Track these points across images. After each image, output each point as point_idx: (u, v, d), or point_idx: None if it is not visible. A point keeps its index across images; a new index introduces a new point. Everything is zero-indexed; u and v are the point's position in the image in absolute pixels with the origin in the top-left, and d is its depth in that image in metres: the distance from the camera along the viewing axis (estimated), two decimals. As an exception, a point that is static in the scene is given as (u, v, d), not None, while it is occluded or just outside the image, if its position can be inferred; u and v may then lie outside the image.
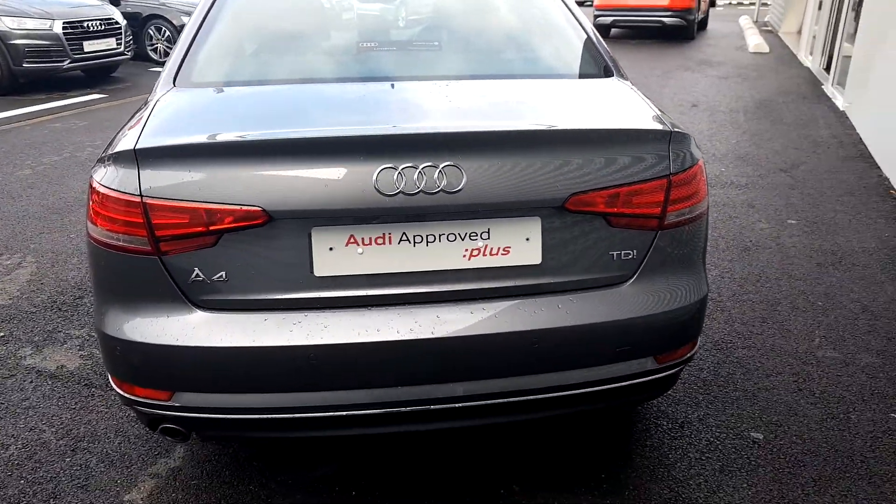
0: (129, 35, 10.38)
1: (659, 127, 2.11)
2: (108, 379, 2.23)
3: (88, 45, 9.48)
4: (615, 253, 2.05)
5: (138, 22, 11.36)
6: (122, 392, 2.04)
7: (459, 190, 1.88)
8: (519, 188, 1.92)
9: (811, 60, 11.30)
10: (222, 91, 2.38)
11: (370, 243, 1.93)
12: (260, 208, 1.85)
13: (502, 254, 1.98)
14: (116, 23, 10.10)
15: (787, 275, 4.03)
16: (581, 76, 2.61)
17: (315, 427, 2.04)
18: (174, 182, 1.86)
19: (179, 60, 2.45)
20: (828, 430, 2.72)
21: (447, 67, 2.63)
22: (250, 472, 2.49)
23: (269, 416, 1.98)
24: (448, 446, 2.61)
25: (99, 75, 10.42)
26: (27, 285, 3.87)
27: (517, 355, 2.00)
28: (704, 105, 8.57)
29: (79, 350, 3.26)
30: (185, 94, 2.32)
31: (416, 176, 1.86)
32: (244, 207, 1.85)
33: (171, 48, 10.75)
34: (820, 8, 11.14)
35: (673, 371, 2.20)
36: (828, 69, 9.82)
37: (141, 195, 1.86)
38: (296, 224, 1.89)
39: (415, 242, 1.94)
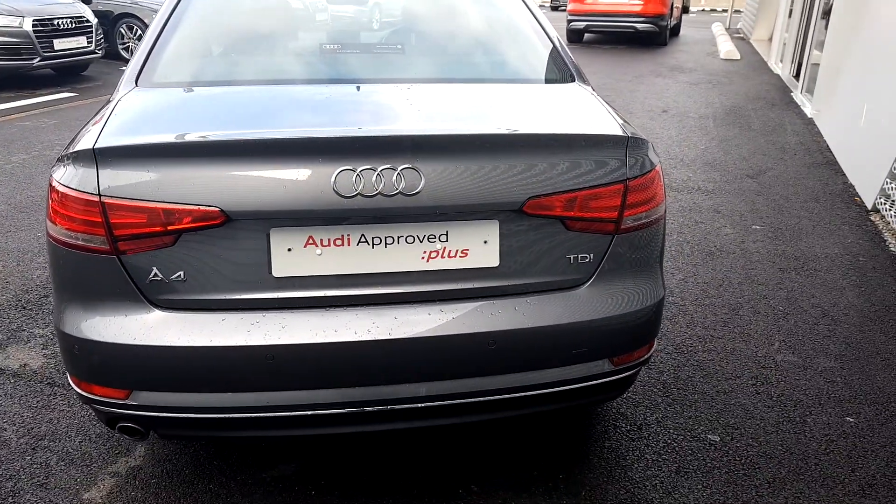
0: (101, 33, 10.31)
1: (616, 132, 2.14)
2: (67, 377, 2.23)
3: (59, 44, 9.40)
4: (572, 256, 2.09)
5: (109, 20, 11.28)
6: (80, 391, 2.04)
7: (417, 192, 1.90)
8: (477, 191, 1.95)
9: (781, 68, 11.47)
10: (185, 91, 2.38)
11: (329, 244, 1.94)
12: (218, 209, 1.86)
13: (460, 256, 2.01)
14: (87, 21, 10.03)
15: (750, 279, 4.10)
16: (544, 81, 2.65)
17: (273, 426, 2.05)
18: (133, 182, 1.87)
19: (142, 60, 2.45)
20: (783, 433, 2.77)
21: (413, 71, 2.66)
22: (210, 471, 2.49)
23: (227, 415, 1.99)
24: (407, 446, 2.63)
25: (69, 74, 10.38)
26: (-10, 283, 3.84)
27: (475, 357, 2.02)
28: (674, 111, 8.67)
29: (42, 349, 3.24)
30: (147, 94, 2.32)
31: (374, 178, 1.88)
32: (202, 208, 1.86)
33: None
34: (790, 16, 11.32)
35: (629, 373, 2.24)
36: (797, 76, 9.98)
37: (100, 194, 1.86)
38: (254, 224, 1.90)
39: (373, 244, 1.96)
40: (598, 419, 2.82)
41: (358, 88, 2.43)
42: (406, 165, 1.90)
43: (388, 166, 1.89)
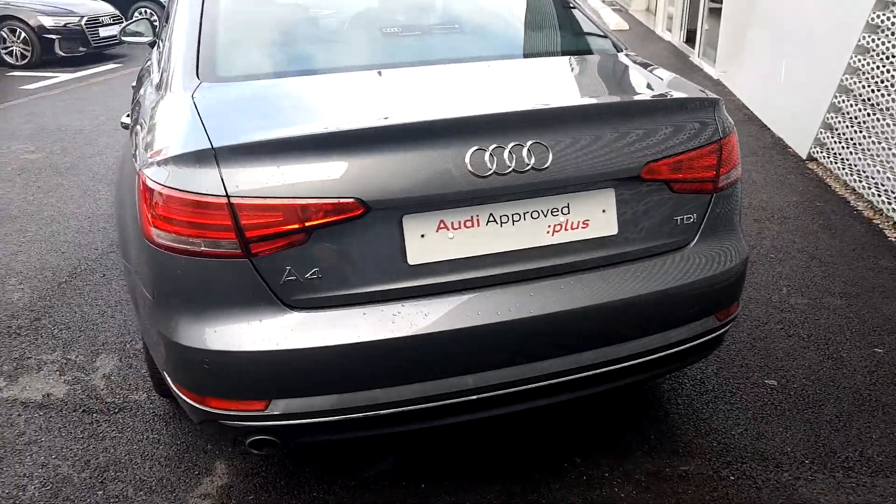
0: None
1: (707, 95, 2.20)
2: (181, 396, 2.07)
3: (103, 31, 11.25)
4: (678, 218, 2.13)
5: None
6: (206, 408, 1.91)
7: (547, 167, 1.89)
8: (598, 161, 1.96)
9: (671, 36, 11.98)
10: (267, 83, 2.26)
11: (459, 227, 1.90)
12: (356, 199, 1.78)
13: (582, 227, 2.01)
14: (120, 17, 11.17)
15: (734, 232, 4.30)
16: (600, 52, 2.67)
17: (422, 418, 1.99)
18: (262, 179, 1.75)
19: (194, 54, 2.29)
20: (828, 369, 2.95)
21: (479, 49, 2.61)
22: (306, 479, 2.39)
23: (373, 413, 1.92)
24: (497, 431, 2.62)
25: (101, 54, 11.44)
26: (-35, 313, 3.50)
27: (607, 326, 2.04)
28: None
29: (60, 375, 2.99)
30: (224, 89, 2.17)
31: (505, 155, 1.86)
32: (340, 200, 1.77)
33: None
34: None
35: (727, 328, 2.32)
36: (690, 42, 10.47)
37: (227, 195, 1.74)
38: (387, 213, 1.83)
39: (501, 222, 1.93)
40: (662, 379, 2.90)
41: (441, 69, 2.38)
42: (534, 140, 1.88)
43: (517, 142, 1.87)
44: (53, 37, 10.69)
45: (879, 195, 4.61)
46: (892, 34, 4.52)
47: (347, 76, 2.29)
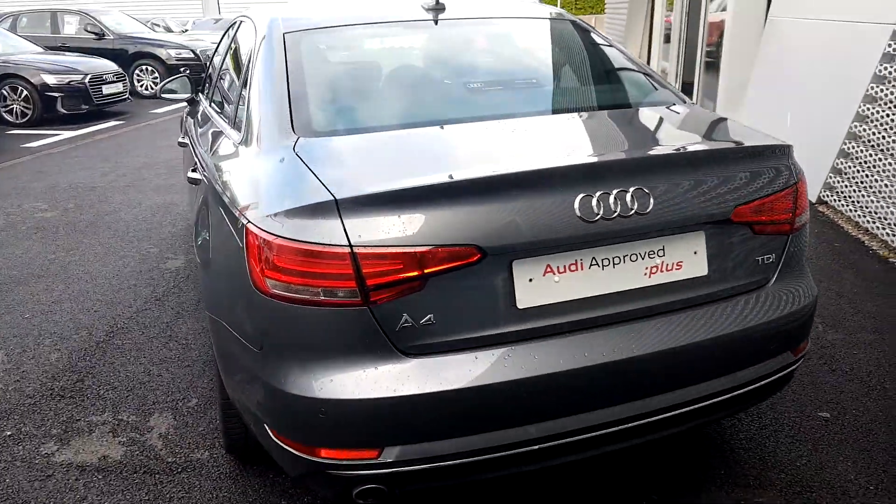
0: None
1: (780, 142, 2.28)
2: (272, 446, 2.04)
3: (106, 89, 11.54)
4: (760, 258, 2.20)
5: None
6: (315, 458, 1.90)
7: (648, 211, 1.95)
8: (692, 205, 2.03)
9: (663, 85, 12.28)
10: (365, 137, 2.32)
11: (564, 271, 1.94)
12: (474, 246, 1.82)
13: (675, 268, 2.06)
14: (123, 74, 11.70)
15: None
16: (669, 102, 2.76)
17: (531, 461, 2.00)
18: (384, 228, 1.79)
19: (286, 110, 2.33)
20: (875, 399, 3.02)
21: (561, 102, 2.71)
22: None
23: (483, 457, 1.92)
24: (576, 475, 2.62)
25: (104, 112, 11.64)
26: (5, 375, 3.43)
27: (700, 363, 2.08)
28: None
29: (113, 436, 2.94)
30: (324, 143, 2.23)
31: (611, 200, 1.91)
32: (459, 247, 1.81)
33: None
34: (667, 42, 12.19)
35: (799, 363, 2.37)
36: (687, 92, 10.78)
37: (350, 245, 1.77)
38: (499, 259, 1.87)
39: (602, 265, 1.98)
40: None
41: (529, 122, 2.43)
42: (636, 186, 1.94)
43: (622, 188, 1.93)
44: (56, 94, 10.79)
45: (893, 234, 4.74)
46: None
47: (446, 129, 2.35)
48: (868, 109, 5.10)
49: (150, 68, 14.16)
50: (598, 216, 1.90)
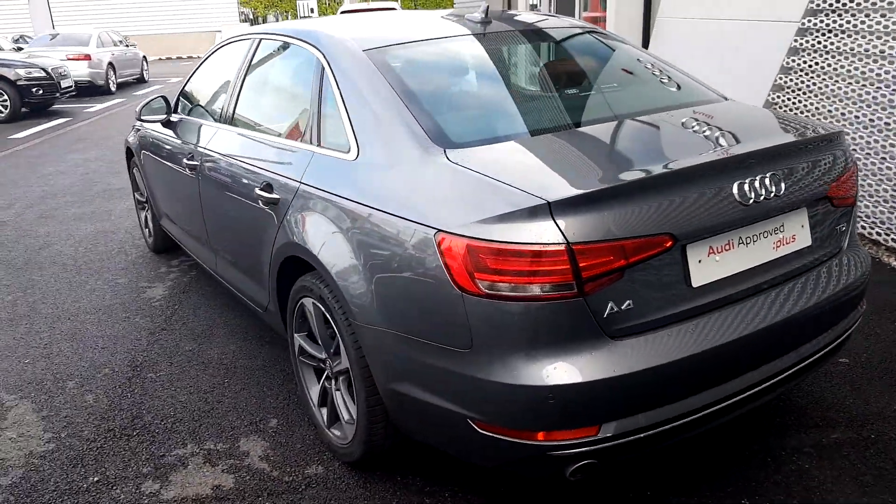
0: None
1: (841, 129, 2.71)
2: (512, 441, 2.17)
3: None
4: (838, 227, 2.62)
5: None
6: (536, 442, 2.07)
7: (783, 193, 2.30)
8: (803, 185, 2.42)
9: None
10: (511, 144, 2.45)
11: (721, 251, 2.24)
12: (668, 234, 2.07)
13: (791, 241, 2.43)
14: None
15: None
16: (722, 98, 3.10)
17: (710, 420, 2.26)
18: (594, 225, 2.00)
19: (414, 124, 2.45)
20: (876, 343, 3.57)
21: (659, 101, 2.97)
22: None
23: (681, 420, 2.18)
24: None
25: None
26: (47, 424, 3.24)
27: (815, 321, 2.46)
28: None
29: (212, 466, 2.90)
30: (478, 152, 2.36)
31: (757, 185, 2.23)
32: (657, 236, 2.06)
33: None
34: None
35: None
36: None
37: (567, 242, 1.96)
38: (677, 245, 2.13)
39: (746, 243, 2.30)
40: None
41: (650, 121, 2.70)
42: (772, 172, 2.29)
43: (763, 175, 2.28)
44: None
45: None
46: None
47: (583, 131, 2.60)
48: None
49: None
50: (752, 199, 2.23)
